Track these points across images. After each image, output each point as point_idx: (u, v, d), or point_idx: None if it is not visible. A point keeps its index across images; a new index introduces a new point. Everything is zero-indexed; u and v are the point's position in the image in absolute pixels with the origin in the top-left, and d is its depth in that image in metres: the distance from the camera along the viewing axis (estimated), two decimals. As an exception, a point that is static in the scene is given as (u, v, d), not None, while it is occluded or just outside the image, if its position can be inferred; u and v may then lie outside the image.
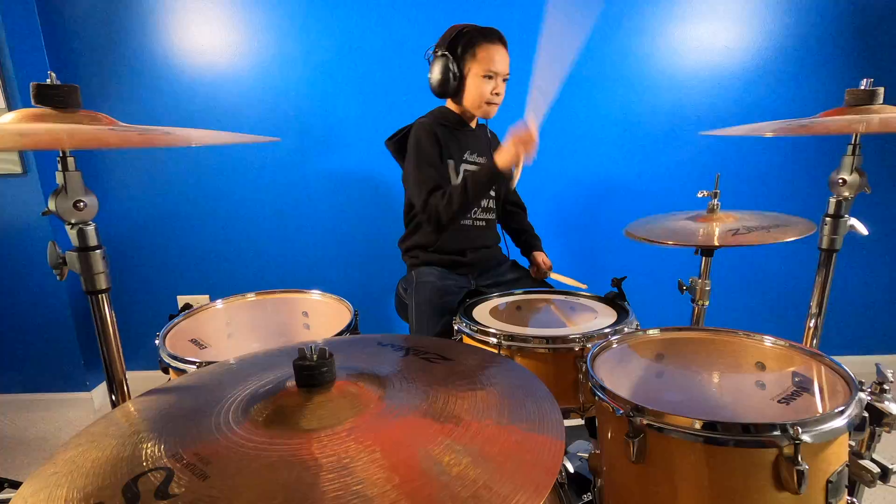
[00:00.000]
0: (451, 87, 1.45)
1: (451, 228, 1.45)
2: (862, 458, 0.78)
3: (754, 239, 1.18)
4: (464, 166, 1.54)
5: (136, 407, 0.66)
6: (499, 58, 1.44)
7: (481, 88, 1.45)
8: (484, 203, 1.58)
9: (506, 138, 1.29)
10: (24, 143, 0.80)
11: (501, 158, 1.29)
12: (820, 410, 0.84)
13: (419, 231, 1.57)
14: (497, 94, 1.46)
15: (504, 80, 1.47)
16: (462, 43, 1.43)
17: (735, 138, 2.08)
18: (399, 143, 1.56)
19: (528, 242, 1.72)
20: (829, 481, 0.69)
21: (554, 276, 1.55)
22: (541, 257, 1.66)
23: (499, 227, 1.70)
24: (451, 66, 1.42)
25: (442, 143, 1.48)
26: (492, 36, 1.44)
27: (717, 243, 1.20)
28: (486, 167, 1.36)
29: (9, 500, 0.68)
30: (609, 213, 2.16)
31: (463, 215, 1.45)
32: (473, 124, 1.59)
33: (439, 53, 1.44)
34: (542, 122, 1.24)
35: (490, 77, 1.44)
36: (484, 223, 1.60)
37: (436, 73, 1.45)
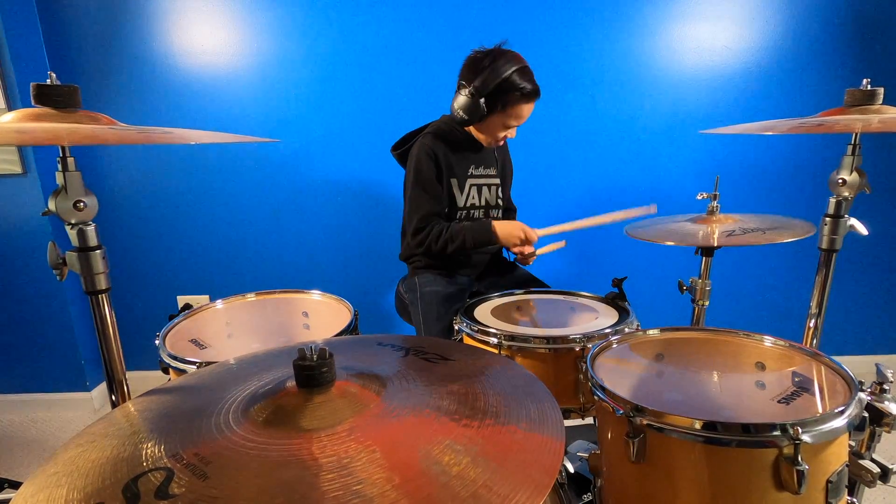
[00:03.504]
0: (472, 122, 1.41)
1: None
2: (862, 458, 0.78)
3: (749, 240, 1.19)
4: (471, 181, 1.54)
5: (136, 407, 0.66)
6: (526, 114, 1.42)
7: (496, 133, 1.45)
8: (493, 214, 1.60)
9: (515, 225, 1.43)
10: (23, 140, 0.80)
11: (503, 236, 1.42)
12: (820, 410, 0.84)
13: None
14: (507, 137, 1.48)
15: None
16: (502, 94, 1.36)
17: (735, 139, 2.08)
18: (404, 154, 1.56)
19: None
20: (829, 481, 0.69)
21: (539, 252, 1.53)
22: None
23: None
24: (479, 109, 1.36)
25: (443, 164, 1.47)
26: (533, 97, 1.39)
27: (713, 244, 1.21)
28: (489, 234, 1.42)
29: (9, 500, 0.68)
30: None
31: (452, 256, 1.49)
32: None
33: (472, 92, 1.35)
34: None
35: (509, 127, 1.45)
36: None
37: (461, 106, 1.38)
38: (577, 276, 2.22)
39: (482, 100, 1.35)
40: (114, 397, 0.92)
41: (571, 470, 1.29)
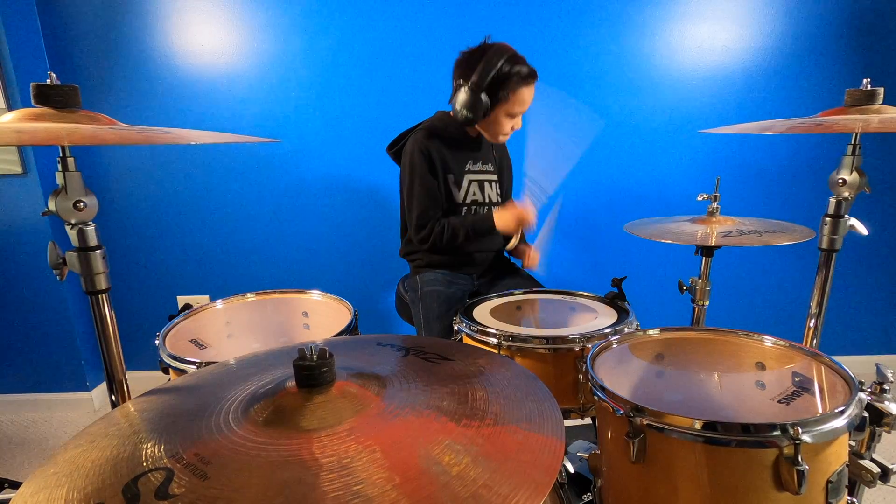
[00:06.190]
0: (476, 120, 1.39)
1: None
2: (862, 458, 0.78)
3: (746, 241, 1.19)
4: (468, 176, 1.53)
5: (136, 407, 0.66)
6: (529, 98, 1.41)
7: (503, 124, 1.43)
8: None
9: (510, 209, 1.42)
10: (23, 140, 0.80)
11: (502, 223, 1.42)
12: (820, 410, 0.84)
13: None
14: (515, 129, 1.46)
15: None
16: (501, 83, 1.35)
17: (735, 138, 2.08)
18: (398, 153, 1.55)
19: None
20: (829, 481, 0.69)
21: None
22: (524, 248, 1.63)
23: None
24: (483, 103, 1.35)
25: (437, 160, 1.46)
26: (531, 79, 1.39)
27: (711, 243, 1.21)
28: (489, 223, 1.44)
29: (9, 500, 0.68)
30: (609, 213, 2.15)
31: (456, 248, 1.50)
32: (475, 133, 1.56)
33: (472, 87, 1.34)
34: (540, 207, 1.43)
35: (514, 116, 1.43)
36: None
37: (463, 104, 1.36)
38: (577, 276, 2.22)
39: (483, 93, 1.35)
40: (114, 397, 0.92)
41: (571, 470, 1.29)
